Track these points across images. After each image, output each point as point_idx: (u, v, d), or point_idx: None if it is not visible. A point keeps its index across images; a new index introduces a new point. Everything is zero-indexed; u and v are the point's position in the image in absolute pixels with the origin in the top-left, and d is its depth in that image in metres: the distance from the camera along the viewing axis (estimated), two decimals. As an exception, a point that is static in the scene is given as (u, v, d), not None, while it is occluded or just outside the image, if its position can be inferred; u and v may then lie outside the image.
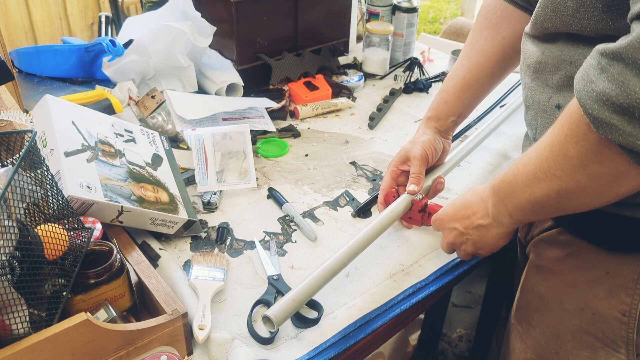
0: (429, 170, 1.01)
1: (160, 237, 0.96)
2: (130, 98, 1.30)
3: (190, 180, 1.10)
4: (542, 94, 0.73)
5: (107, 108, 1.21)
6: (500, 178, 0.73)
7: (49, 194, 0.73)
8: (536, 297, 0.83)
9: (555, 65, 0.69)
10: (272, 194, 1.09)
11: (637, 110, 0.49)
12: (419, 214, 0.96)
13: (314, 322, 0.83)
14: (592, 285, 0.74)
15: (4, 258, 0.62)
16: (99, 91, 1.29)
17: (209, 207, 1.04)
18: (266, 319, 0.79)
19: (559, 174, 0.61)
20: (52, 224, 0.71)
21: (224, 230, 0.99)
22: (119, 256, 0.78)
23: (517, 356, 0.88)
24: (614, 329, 0.74)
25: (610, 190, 0.59)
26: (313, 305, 0.86)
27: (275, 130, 1.27)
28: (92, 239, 0.79)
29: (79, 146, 0.88)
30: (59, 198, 0.75)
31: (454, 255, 0.97)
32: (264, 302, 0.85)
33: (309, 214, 1.05)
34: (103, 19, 2.30)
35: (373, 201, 1.07)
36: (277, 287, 0.87)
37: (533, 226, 0.86)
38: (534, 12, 0.70)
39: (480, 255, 0.87)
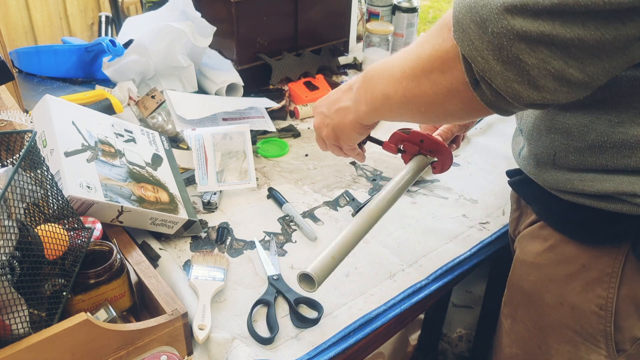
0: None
1: (160, 237, 0.96)
2: (130, 98, 1.30)
3: (190, 180, 1.10)
4: None
5: (107, 108, 1.21)
6: (372, 67, 0.73)
7: (49, 194, 0.73)
8: (520, 292, 0.83)
9: None
10: (272, 194, 1.09)
11: (490, 25, 0.50)
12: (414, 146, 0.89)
13: (314, 322, 0.83)
14: (570, 279, 0.75)
15: (4, 258, 0.62)
16: (99, 91, 1.29)
17: (209, 207, 1.04)
18: (304, 277, 0.70)
19: (409, 72, 0.63)
20: (52, 224, 0.71)
21: (224, 230, 0.99)
22: (119, 256, 0.78)
23: (504, 351, 0.89)
24: (592, 323, 0.74)
25: (441, 104, 0.61)
26: (313, 305, 0.86)
27: (275, 130, 1.27)
28: (92, 239, 0.79)
29: (79, 146, 0.88)
30: (59, 198, 0.75)
31: (454, 254, 0.97)
32: (264, 302, 0.85)
33: (309, 214, 1.05)
34: (103, 19, 2.30)
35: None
36: (277, 287, 0.87)
37: (520, 222, 0.87)
38: None
39: (341, 147, 0.85)
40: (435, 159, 0.89)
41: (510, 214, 0.93)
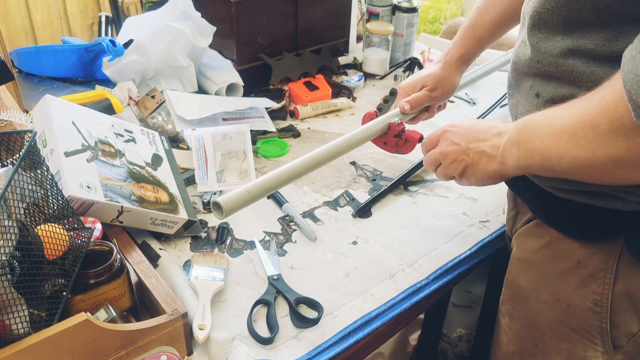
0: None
1: (160, 237, 0.96)
2: (130, 98, 1.30)
3: (190, 180, 1.10)
4: (523, 83, 0.74)
5: (107, 108, 1.21)
6: (526, 120, 0.69)
7: (49, 194, 0.73)
8: (517, 289, 0.84)
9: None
10: (272, 194, 1.08)
11: None
12: (394, 139, 0.93)
13: (314, 322, 0.83)
14: (565, 276, 0.75)
15: (4, 258, 0.62)
16: (99, 91, 1.29)
17: (209, 207, 1.04)
18: (216, 206, 0.73)
19: (582, 142, 0.60)
20: (52, 224, 0.71)
21: (224, 230, 0.99)
22: (119, 256, 0.78)
23: (502, 349, 0.89)
24: (588, 319, 0.74)
25: (623, 174, 0.59)
26: (313, 305, 0.86)
27: (275, 130, 1.27)
28: (92, 239, 0.79)
29: (79, 146, 0.88)
30: (59, 198, 0.75)
31: (455, 253, 0.97)
32: (264, 302, 0.85)
33: (309, 214, 1.05)
34: (103, 19, 2.30)
35: (373, 201, 1.07)
36: (277, 287, 0.87)
37: (517, 220, 0.87)
38: None
39: (462, 181, 0.81)
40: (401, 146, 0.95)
41: (507, 212, 0.93)
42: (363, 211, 1.06)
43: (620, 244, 0.69)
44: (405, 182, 1.14)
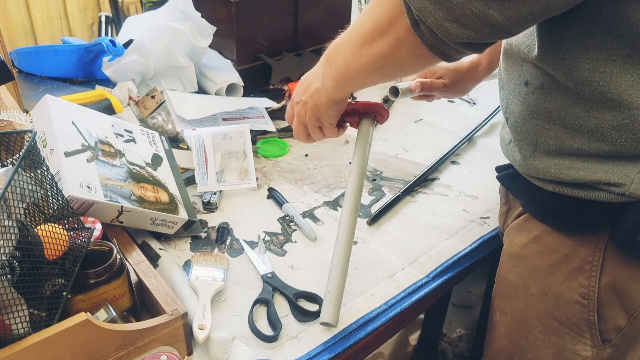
0: None
1: (160, 237, 0.96)
2: (130, 98, 1.30)
3: (190, 180, 1.10)
4: (512, 72, 0.74)
5: (107, 108, 1.21)
6: (332, 43, 0.76)
7: (49, 194, 0.73)
8: (507, 284, 0.84)
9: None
10: (272, 194, 1.09)
11: None
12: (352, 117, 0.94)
13: (317, 314, 0.83)
14: (553, 269, 0.76)
15: (4, 258, 0.62)
16: (99, 91, 1.29)
17: (209, 207, 1.04)
18: (325, 324, 0.81)
19: (366, 35, 0.66)
20: (52, 224, 0.71)
21: (224, 230, 0.99)
22: (119, 256, 0.78)
23: (493, 344, 0.90)
24: (576, 312, 0.75)
25: (393, 57, 0.65)
26: (312, 298, 0.86)
27: (275, 130, 1.27)
28: (92, 239, 0.79)
29: (79, 146, 0.88)
30: (59, 198, 0.75)
31: (455, 251, 0.97)
32: (262, 301, 0.85)
33: (309, 214, 1.05)
34: (103, 19, 2.30)
35: (386, 209, 1.07)
36: (272, 284, 0.87)
37: (509, 215, 0.87)
38: None
39: (324, 129, 0.88)
40: (374, 115, 0.94)
41: (500, 208, 0.93)
42: (377, 219, 1.05)
43: (606, 236, 0.70)
44: (405, 182, 1.14)
